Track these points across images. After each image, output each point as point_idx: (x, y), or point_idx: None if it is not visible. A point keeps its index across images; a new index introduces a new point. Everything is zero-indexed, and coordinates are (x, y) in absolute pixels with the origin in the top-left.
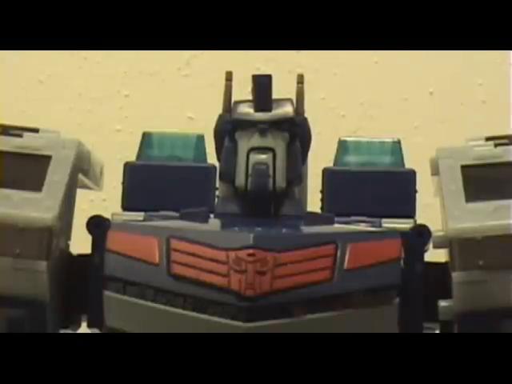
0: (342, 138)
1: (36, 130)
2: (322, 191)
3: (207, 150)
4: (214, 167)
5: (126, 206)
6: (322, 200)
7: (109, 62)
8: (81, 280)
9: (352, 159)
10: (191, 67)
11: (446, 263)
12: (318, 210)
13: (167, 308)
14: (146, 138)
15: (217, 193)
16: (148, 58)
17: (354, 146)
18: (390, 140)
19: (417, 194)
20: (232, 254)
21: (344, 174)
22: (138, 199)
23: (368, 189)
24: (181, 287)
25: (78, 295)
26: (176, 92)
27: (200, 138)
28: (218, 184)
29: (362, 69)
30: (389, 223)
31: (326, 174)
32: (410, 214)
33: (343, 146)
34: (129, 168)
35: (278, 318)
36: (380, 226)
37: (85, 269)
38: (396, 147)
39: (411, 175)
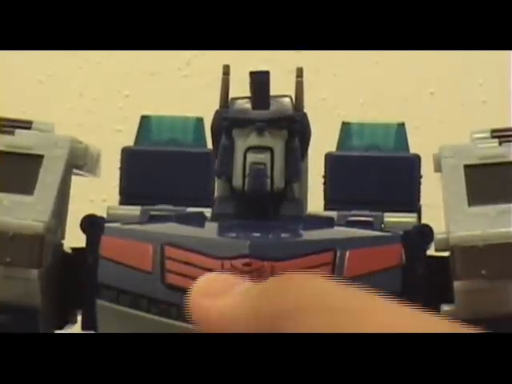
0: (346, 121)
1: (29, 122)
2: (324, 176)
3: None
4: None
5: (124, 192)
6: (324, 184)
7: (109, 62)
8: (75, 278)
9: (355, 143)
10: (191, 67)
11: (447, 257)
12: (321, 197)
13: (161, 319)
14: (145, 121)
15: (216, 186)
16: (148, 58)
17: (357, 129)
18: (395, 122)
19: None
20: (227, 264)
21: (347, 159)
22: (136, 185)
23: (371, 174)
24: (175, 297)
25: (73, 294)
26: (176, 92)
27: (199, 121)
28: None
29: (363, 69)
30: (391, 217)
31: (329, 159)
32: (413, 199)
33: (346, 130)
34: (126, 153)
35: None
36: (382, 222)
37: (79, 266)
38: (401, 130)
39: (416, 160)
